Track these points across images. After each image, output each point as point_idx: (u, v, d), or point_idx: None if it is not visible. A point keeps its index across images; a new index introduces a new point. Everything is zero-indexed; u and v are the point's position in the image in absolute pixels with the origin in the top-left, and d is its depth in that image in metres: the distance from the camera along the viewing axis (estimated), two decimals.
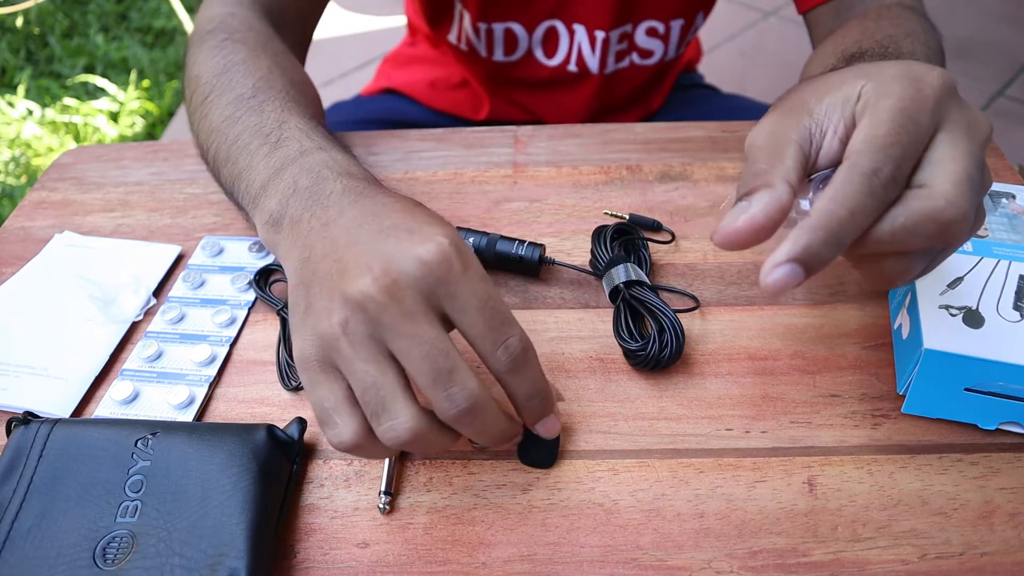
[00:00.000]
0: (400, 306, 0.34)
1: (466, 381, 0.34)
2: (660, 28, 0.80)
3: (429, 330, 0.34)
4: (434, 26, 0.86)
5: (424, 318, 0.34)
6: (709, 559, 0.39)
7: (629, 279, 0.49)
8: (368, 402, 0.35)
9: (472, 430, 0.36)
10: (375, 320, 0.34)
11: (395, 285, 0.34)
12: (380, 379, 0.34)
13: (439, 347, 0.34)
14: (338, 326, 0.35)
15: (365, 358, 0.34)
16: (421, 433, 0.35)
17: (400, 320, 0.34)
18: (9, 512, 0.39)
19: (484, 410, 0.35)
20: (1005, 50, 2.14)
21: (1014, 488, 0.41)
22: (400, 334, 0.34)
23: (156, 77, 2.15)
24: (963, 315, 0.43)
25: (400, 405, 0.35)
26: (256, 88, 0.52)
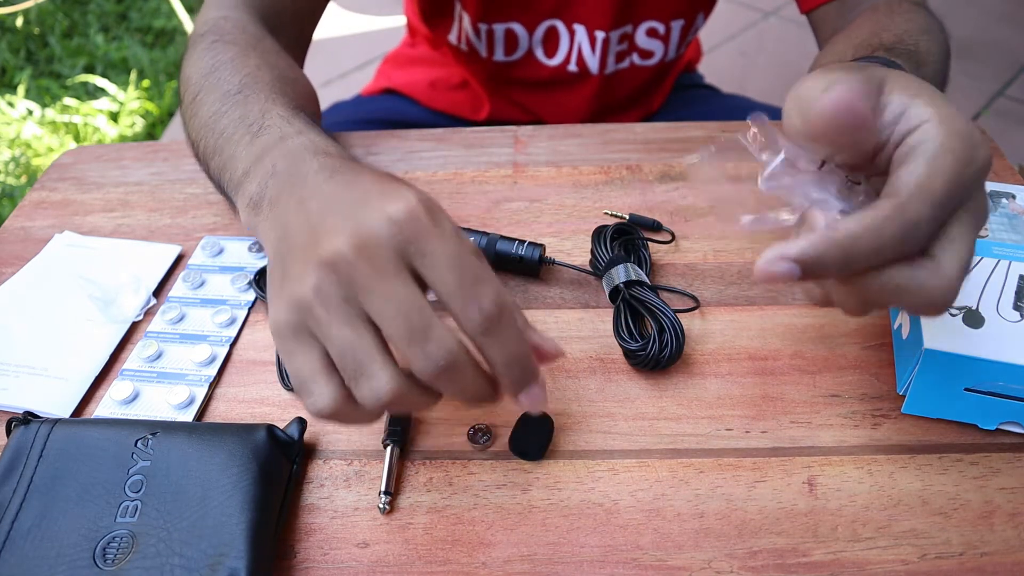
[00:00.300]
0: (371, 264, 0.33)
1: (443, 338, 0.33)
2: (660, 28, 0.80)
3: (402, 288, 0.33)
4: (433, 27, 0.86)
5: (397, 276, 0.33)
6: (709, 559, 0.39)
7: (629, 279, 0.49)
8: (346, 366, 0.34)
9: (452, 388, 0.35)
10: (348, 281, 0.34)
11: (365, 245, 0.34)
12: (356, 342, 0.34)
13: (413, 304, 0.33)
14: (311, 291, 0.34)
15: (340, 321, 0.34)
16: (401, 394, 0.34)
17: (372, 279, 0.33)
18: (9, 512, 0.39)
19: (462, 368, 0.34)
20: (1005, 50, 2.14)
21: (1014, 488, 0.41)
22: (373, 293, 0.33)
23: (156, 77, 2.15)
24: (963, 315, 0.43)
25: (378, 366, 0.34)
26: (242, 84, 0.53)
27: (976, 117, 1.92)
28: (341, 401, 0.35)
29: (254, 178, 0.44)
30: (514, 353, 0.35)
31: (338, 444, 0.45)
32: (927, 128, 0.33)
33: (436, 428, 0.45)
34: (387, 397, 0.34)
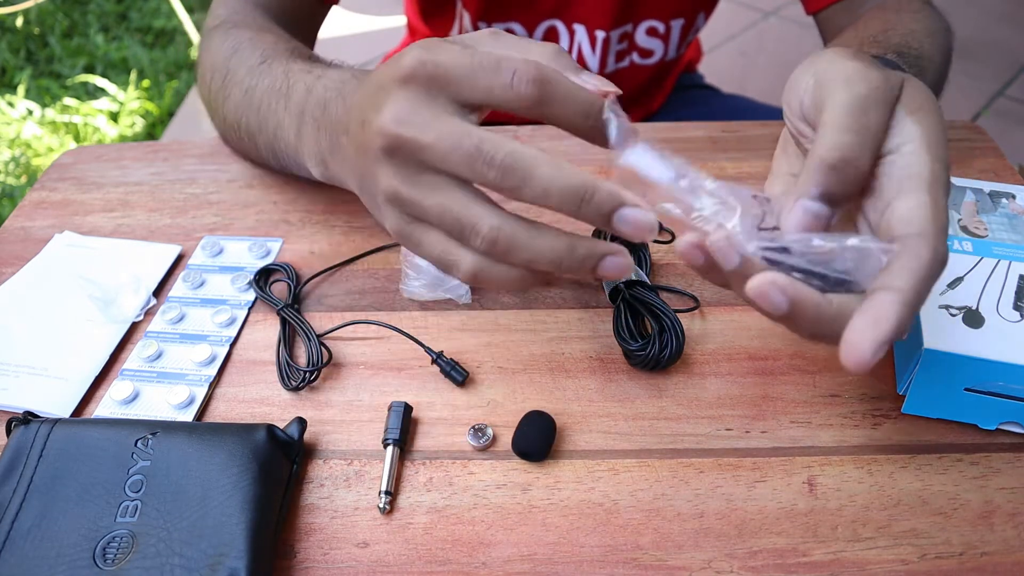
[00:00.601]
0: (412, 126, 0.33)
1: (500, 142, 0.32)
2: (660, 28, 0.80)
3: (443, 126, 0.33)
4: (433, 26, 0.86)
5: (435, 120, 0.33)
6: (709, 559, 0.39)
7: (629, 279, 0.49)
8: (452, 231, 0.34)
9: (534, 188, 0.32)
10: (406, 155, 0.34)
11: (397, 114, 0.34)
12: (446, 203, 0.34)
13: (458, 130, 0.33)
14: (389, 185, 0.35)
15: (424, 195, 0.34)
16: (506, 230, 0.33)
17: (418, 137, 0.33)
18: (9, 512, 0.39)
19: (532, 158, 0.32)
20: (1005, 50, 2.14)
21: (1014, 488, 0.41)
22: (426, 149, 0.33)
23: (156, 77, 2.15)
24: (963, 315, 0.43)
25: (475, 216, 0.33)
26: (264, 55, 0.55)
27: (976, 117, 1.92)
28: (479, 260, 0.34)
29: (306, 139, 0.47)
30: (585, 103, 0.34)
31: (338, 444, 0.45)
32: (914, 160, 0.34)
33: (436, 428, 0.45)
34: (491, 233, 0.33)
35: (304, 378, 0.47)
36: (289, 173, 0.59)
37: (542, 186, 0.32)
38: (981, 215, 0.50)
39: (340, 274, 0.55)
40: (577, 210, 0.33)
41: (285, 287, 0.53)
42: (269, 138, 0.54)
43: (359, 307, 0.53)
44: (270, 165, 0.60)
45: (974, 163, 0.63)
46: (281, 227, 0.59)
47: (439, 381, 0.48)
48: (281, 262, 0.55)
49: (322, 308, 0.53)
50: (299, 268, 0.56)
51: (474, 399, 0.47)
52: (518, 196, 0.33)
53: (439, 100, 0.34)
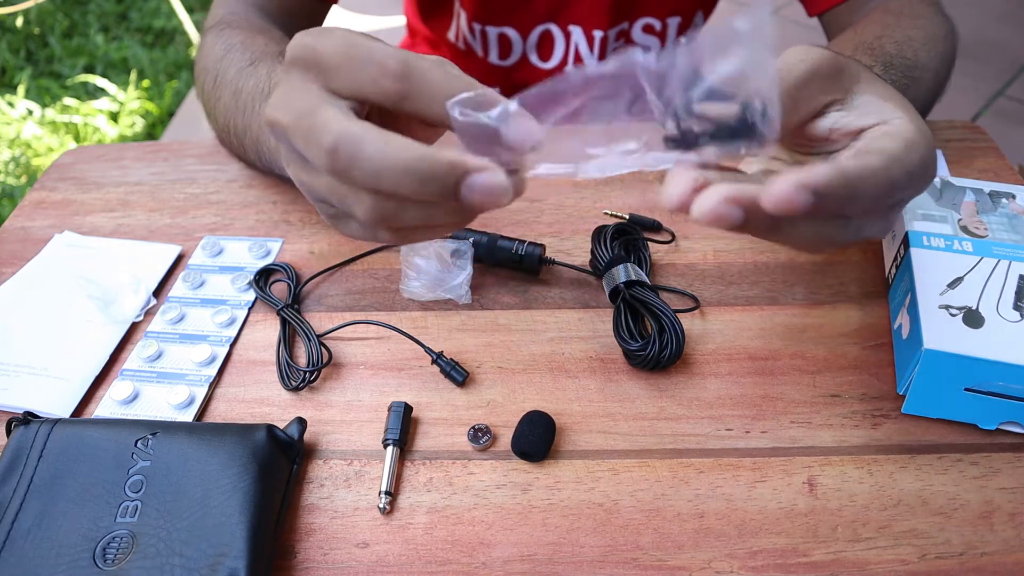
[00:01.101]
0: (279, 109, 0.33)
1: (327, 121, 0.31)
2: (656, 25, 0.80)
3: (296, 105, 0.32)
4: (432, 25, 0.86)
5: (297, 102, 0.33)
6: (709, 559, 0.39)
7: (629, 279, 0.49)
8: (330, 211, 0.35)
9: (363, 171, 0.30)
10: (279, 137, 0.34)
11: (275, 98, 0.34)
12: (314, 185, 0.34)
13: (304, 110, 0.32)
14: (291, 172, 0.35)
15: (303, 179, 0.34)
16: (354, 133, 0.30)
17: (282, 119, 0.33)
18: (9, 512, 0.39)
19: (358, 138, 0.30)
20: (1005, 50, 2.14)
21: (1014, 488, 0.41)
22: (285, 128, 0.33)
23: (156, 77, 2.15)
24: (963, 315, 0.43)
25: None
26: (252, 57, 0.55)
27: (976, 117, 1.92)
28: (371, 200, 0.32)
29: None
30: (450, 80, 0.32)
31: (338, 444, 0.45)
32: (900, 123, 0.36)
33: (436, 428, 0.45)
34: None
35: (304, 378, 0.47)
36: (274, 175, 0.59)
37: (372, 167, 0.30)
38: (981, 215, 0.50)
39: (340, 274, 0.55)
40: (419, 189, 0.30)
41: (285, 287, 0.53)
42: (253, 140, 0.54)
43: (359, 307, 0.53)
44: (257, 167, 0.60)
45: (974, 163, 0.63)
46: (281, 227, 0.59)
47: (439, 381, 0.48)
48: (281, 262, 0.55)
49: (322, 308, 0.53)
50: (299, 268, 0.56)
51: (474, 399, 0.47)
52: (352, 181, 0.31)
53: (311, 86, 0.33)
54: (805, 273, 0.54)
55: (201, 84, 0.60)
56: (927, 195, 0.52)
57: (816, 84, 0.36)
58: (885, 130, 0.36)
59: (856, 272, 0.54)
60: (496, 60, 0.83)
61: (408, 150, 0.29)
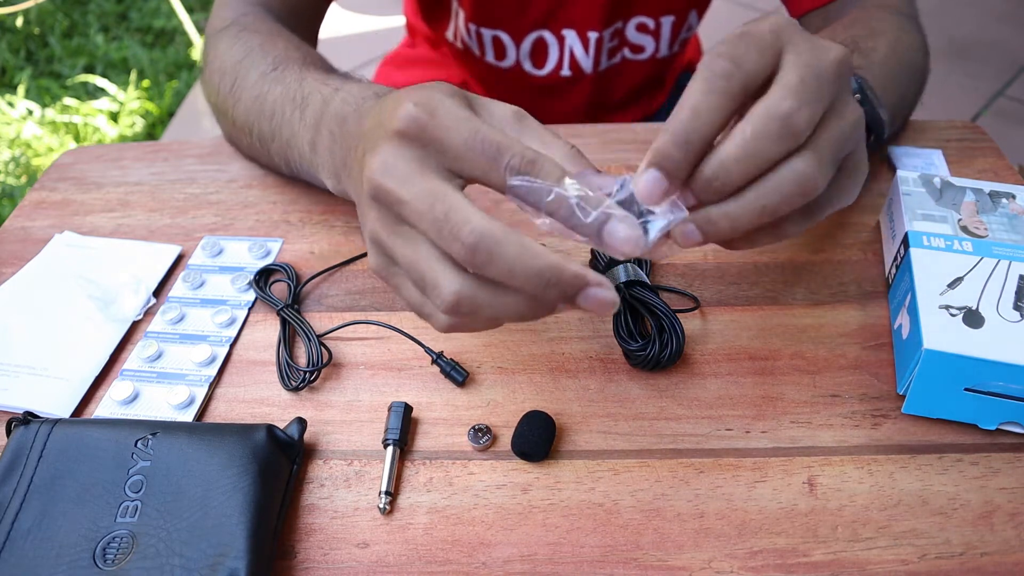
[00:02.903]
0: (395, 178, 0.34)
1: (467, 215, 0.32)
2: (650, 24, 0.81)
3: (419, 184, 0.33)
4: (431, 23, 0.87)
5: (417, 176, 0.33)
6: (709, 559, 0.39)
7: (629, 279, 0.49)
8: (416, 282, 0.35)
9: (498, 269, 0.32)
10: (387, 203, 0.34)
11: (383, 164, 0.34)
12: (412, 256, 0.34)
13: (433, 192, 0.33)
14: (371, 228, 0.35)
15: (397, 244, 0.34)
16: (466, 294, 0.33)
17: (398, 190, 0.33)
18: (9, 512, 0.39)
19: (497, 240, 0.31)
20: (1005, 50, 2.14)
21: (1014, 488, 0.41)
22: (403, 204, 0.33)
23: (156, 77, 2.15)
24: (963, 315, 0.43)
25: (438, 271, 0.33)
26: (275, 62, 0.55)
27: (976, 117, 1.92)
28: (451, 319, 0.35)
29: (321, 152, 0.47)
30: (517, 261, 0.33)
31: (338, 444, 0.45)
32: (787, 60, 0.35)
33: (436, 428, 0.45)
34: (451, 297, 0.33)
35: (304, 378, 0.47)
36: (299, 180, 0.59)
37: (507, 267, 0.32)
38: (981, 215, 0.50)
39: (340, 274, 0.56)
40: (542, 292, 0.32)
41: (285, 287, 0.53)
42: (282, 146, 0.54)
43: (359, 307, 0.53)
44: (281, 171, 0.60)
45: (974, 163, 0.63)
46: (281, 227, 0.59)
47: (439, 381, 0.48)
48: (281, 262, 0.55)
49: (322, 308, 0.53)
50: (299, 268, 0.56)
51: (474, 399, 0.47)
52: (482, 272, 0.33)
53: (428, 160, 0.34)
54: (805, 273, 0.54)
55: (215, 85, 0.60)
56: (927, 195, 0.52)
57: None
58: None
59: (856, 272, 0.54)
60: (492, 60, 0.83)
61: (541, 257, 0.32)
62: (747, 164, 0.34)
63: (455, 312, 0.34)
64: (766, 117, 0.33)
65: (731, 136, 0.34)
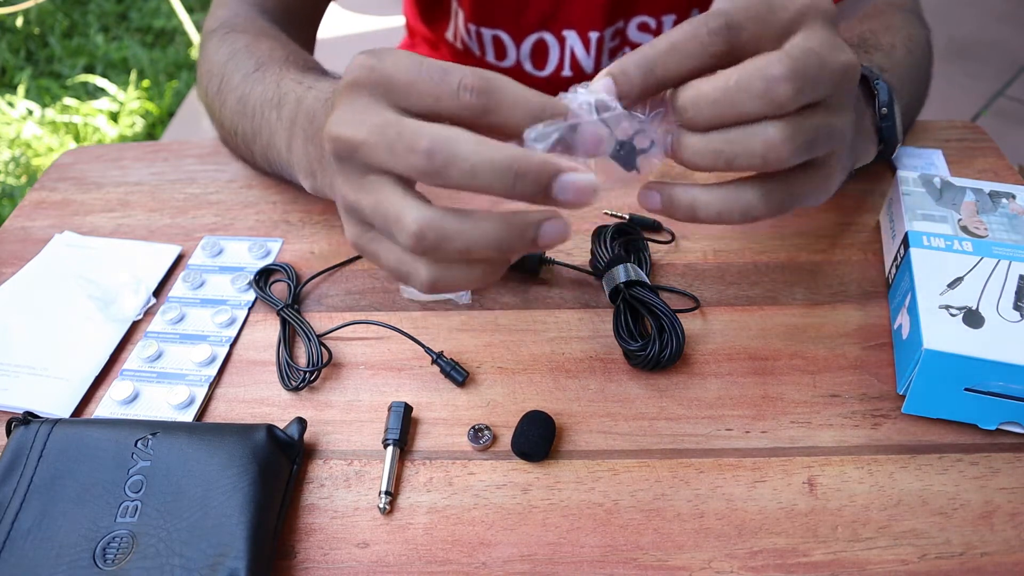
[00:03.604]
0: (348, 125, 0.33)
1: (420, 128, 0.31)
2: (652, 23, 0.81)
3: (372, 121, 0.32)
4: (431, 24, 0.87)
5: (371, 116, 0.33)
6: (709, 559, 0.39)
7: (629, 279, 0.49)
8: (383, 227, 0.34)
9: (460, 169, 0.31)
10: (347, 155, 0.34)
11: (337, 118, 0.34)
12: (377, 199, 0.33)
13: (384, 122, 0.32)
14: (341, 195, 0.35)
15: (363, 197, 0.34)
16: (430, 221, 0.31)
17: (353, 135, 0.33)
18: (9, 512, 0.39)
19: (453, 139, 0.31)
20: (1005, 50, 2.14)
21: (1014, 488, 0.41)
22: (359, 144, 0.33)
23: (156, 77, 2.15)
24: (963, 315, 0.43)
25: (400, 206, 0.32)
26: (258, 63, 0.55)
27: (976, 117, 1.92)
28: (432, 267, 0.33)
29: (296, 151, 0.47)
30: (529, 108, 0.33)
31: (338, 444, 0.45)
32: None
33: (436, 428, 0.45)
34: (415, 226, 0.32)
35: (304, 378, 0.47)
36: (282, 180, 0.59)
37: (469, 165, 0.30)
38: (981, 215, 0.50)
39: (340, 274, 0.56)
40: (512, 187, 0.31)
41: (285, 287, 0.53)
42: (263, 147, 0.54)
43: (359, 307, 0.53)
44: (266, 172, 0.60)
45: (974, 163, 0.63)
46: (281, 227, 0.59)
47: (439, 381, 0.48)
48: (281, 262, 0.55)
49: (322, 308, 0.53)
50: (299, 268, 0.56)
51: (474, 399, 0.47)
52: (447, 181, 0.31)
53: (381, 103, 0.33)
54: (805, 273, 0.54)
55: (205, 87, 0.60)
56: (927, 195, 0.52)
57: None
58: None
59: (856, 272, 0.54)
60: (493, 60, 0.83)
61: (503, 149, 0.30)
62: (720, 108, 0.34)
63: (423, 246, 0.32)
64: (753, 72, 0.33)
65: (714, 76, 0.34)
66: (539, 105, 0.32)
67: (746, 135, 0.34)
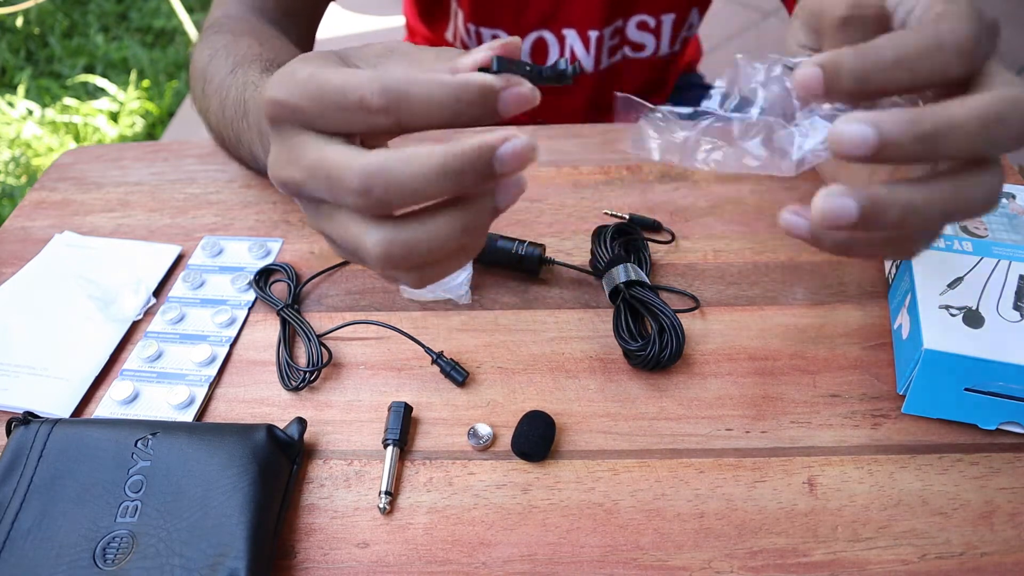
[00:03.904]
0: (284, 167, 0.32)
1: (343, 163, 0.29)
2: (651, 22, 0.81)
3: (302, 161, 0.31)
4: (430, 24, 0.87)
5: (299, 156, 0.31)
6: (709, 559, 0.39)
7: (629, 279, 0.49)
8: (351, 253, 0.32)
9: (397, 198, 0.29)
10: (294, 193, 0.33)
11: (272, 160, 0.33)
12: (337, 229, 0.32)
13: (313, 163, 0.30)
14: (308, 223, 0.35)
15: (325, 226, 0.33)
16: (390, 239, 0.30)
17: (293, 177, 0.32)
18: (9, 512, 0.39)
19: (389, 164, 0.28)
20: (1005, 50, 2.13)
21: (1014, 488, 0.41)
22: (301, 185, 0.32)
23: (156, 77, 2.15)
24: (963, 315, 0.43)
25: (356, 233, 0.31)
26: (233, 64, 0.55)
27: None
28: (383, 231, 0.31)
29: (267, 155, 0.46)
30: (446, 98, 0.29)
31: (338, 444, 0.45)
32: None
33: (436, 428, 0.45)
34: (378, 250, 0.30)
35: (304, 378, 0.47)
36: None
37: (409, 189, 0.29)
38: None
39: (340, 274, 0.56)
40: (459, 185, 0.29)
41: (285, 287, 0.53)
42: (247, 152, 0.53)
43: (359, 307, 0.53)
44: (262, 175, 0.60)
45: None
46: (281, 227, 0.59)
47: (439, 381, 0.48)
48: (281, 262, 0.55)
49: (322, 308, 0.53)
50: (299, 268, 0.56)
51: (474, 399, 0.47)
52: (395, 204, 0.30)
53: (304, 133, 0.32)
54: (805, 273, 0.54)
55: (192, 89, 0.60)
56: None
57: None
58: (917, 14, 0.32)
59: (856, 272, 0.54)
60: None
61: (432, 155, 0.28)
62: (976, 145, 0.29)
63: (391, 263, 0.31)
64: (1014, 110, 0.29)
65: (967, 105, 0.29)
66: (452, 96, 0.29)
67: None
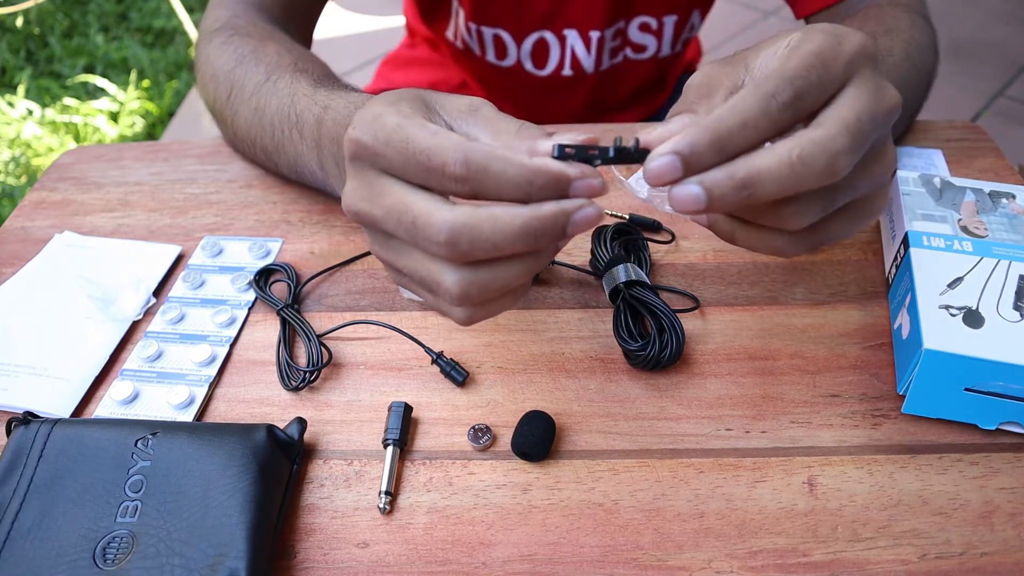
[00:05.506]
0: (362, 201, 0.34)
1: (431, 216, 0.32)
2: (653, 23, 0.81)
3: (383, 201, 0.34)
4: (431, 23, 0.87)
5: (380, 195, 0.34)
6: (709, 559, 0.39)
7: (629, 279, 0.49)
8: (422, 285, 0.35)
9: (480, 252, 0.32)
10: (368, 225, 0.35)
11: (350, 190, 0.35)
12: (410, 263, 0.34)
13: (395, 206, 0.33)
14: (372, 249, 0.37)
15: (394, 257, 0.35)
16: (470, 280, 0.33)
17: (370, 212, 0.34)
18: (9, 512, 0.39)
19: (473, 221, 0.32)
20: (1005, 50, 2.14)
21: (1014, 488, 0.41)
22: (377, 221, 0.34)
23: (156, 77, 2.15)
24: (963, 315, 0.43)
25: (435, 271, 0.33)
26: (268, 71, 0.56)
27: (976, 117, 1.92)
28: (461, 273, 0.34)
29: (330, 170, 0.50)
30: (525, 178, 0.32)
31: (338, 444, 0.45)
32: (792, 39, 0.35)
33: (436, 428, 0.45)
34: (457, 290, 0.33)
35: (304, 378, 0.47)
36: (324, 193, 0.60)
37: (491, 244, 0.32)
38: (981, 215, 0.50)
39: (340, 274, 0.56)
40: (534, 245, 0.32)
41: (285, 287, 0.53)
42: (291, 163, 0.55)
43: (359, 307, 0.53)
44: (292, 180, 0.61)
45: (974, 163, 0.63)
46: (281, 227, 0.59)
47: (439, 381, 0.48)
48: (281, 262, 0.55)
49: (322, 308, 0.53)
50: (299, 268, 0.56)
51: (474, 399, 0.47)
52: (472, 258, 0.33)
53: (384, 177, 0.34)
54: (805, 273, 0.54)
55: (211, 92, 0.60)
56: (927, 195, 0.52)
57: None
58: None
59: (856, 272, 0.54)
60: (493, 59, 0.83)
61: (516, 216, 0.32)
62: (784, 185, 0.32)
63: (468, 302, 0.34)
64: (816, 149, 0.32)
65: (774, 152, 0.32)
66: (526, 179, 0.32)
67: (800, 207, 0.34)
